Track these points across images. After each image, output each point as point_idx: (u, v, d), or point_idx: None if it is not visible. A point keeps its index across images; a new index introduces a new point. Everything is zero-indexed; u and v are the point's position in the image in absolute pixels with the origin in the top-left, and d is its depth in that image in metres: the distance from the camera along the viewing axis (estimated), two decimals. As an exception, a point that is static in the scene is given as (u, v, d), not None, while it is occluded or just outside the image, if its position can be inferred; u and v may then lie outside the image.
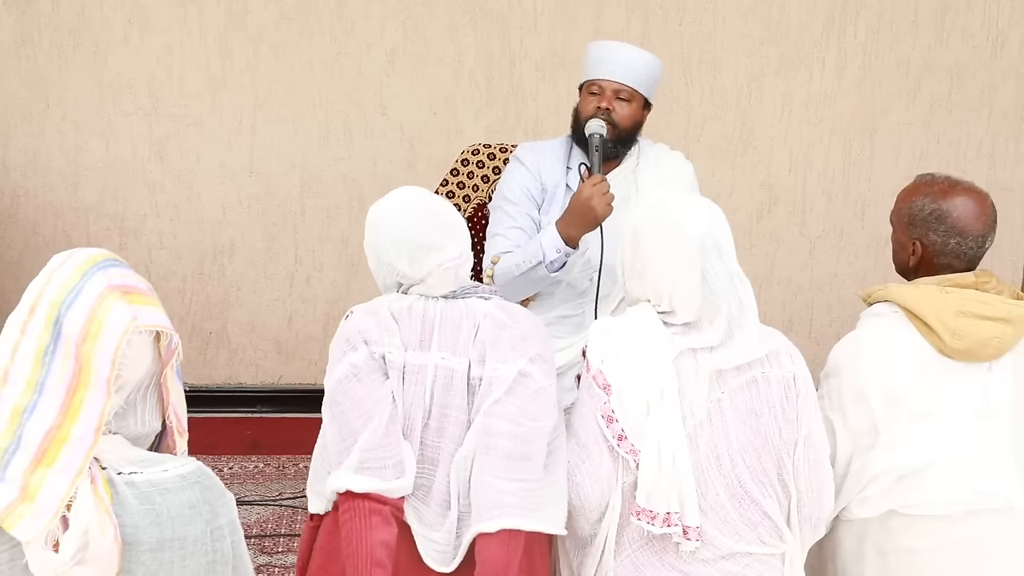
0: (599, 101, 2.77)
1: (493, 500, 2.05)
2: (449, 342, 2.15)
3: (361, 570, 2.02)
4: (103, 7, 4.35)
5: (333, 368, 2.14)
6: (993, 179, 4.60)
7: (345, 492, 2.06)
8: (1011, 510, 2.28)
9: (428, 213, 2.21)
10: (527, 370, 2.12)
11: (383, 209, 2.24)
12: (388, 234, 2.19)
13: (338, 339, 2.17)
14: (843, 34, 4.55)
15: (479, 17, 4.45)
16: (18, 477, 1.52)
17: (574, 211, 2.67)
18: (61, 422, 1.55)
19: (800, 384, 2.19)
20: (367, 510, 2.04)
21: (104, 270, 1.64)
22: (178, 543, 1.59)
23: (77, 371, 1.57)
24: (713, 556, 2.13)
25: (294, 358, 4.66)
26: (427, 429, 2.14)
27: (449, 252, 2.18)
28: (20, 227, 4.50)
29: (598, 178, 2.66)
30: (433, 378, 2.14)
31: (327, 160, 4.52)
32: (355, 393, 2.10)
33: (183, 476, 1.63)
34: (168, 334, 1.67)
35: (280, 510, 3.83)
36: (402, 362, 2.13)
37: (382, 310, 2.18)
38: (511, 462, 2.07)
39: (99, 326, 1.58)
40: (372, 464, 2.06)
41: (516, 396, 2.11)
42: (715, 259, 2.13)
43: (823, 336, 4.59)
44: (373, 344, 2.13)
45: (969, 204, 2.31)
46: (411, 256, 2.17)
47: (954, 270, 2.34)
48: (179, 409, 1.74)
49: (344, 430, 2.10)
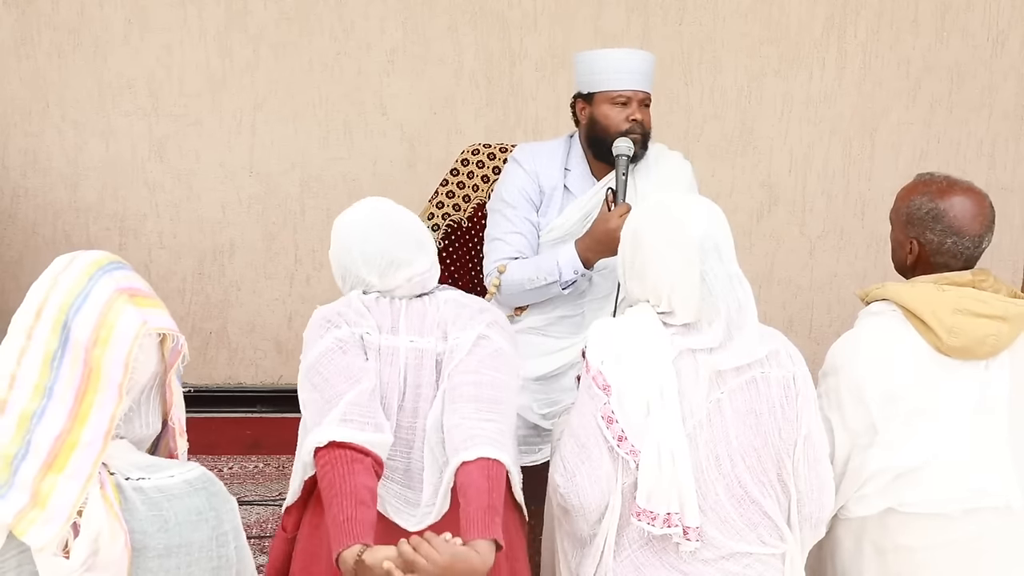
0: (632, 113, 2.77)
1: (468, 434, 2.08)
2: (416, 326, 2.24)
3: (347, 507, 1.97)
4: (103, 7, 4.35)
5: (314, 343, 2.20)
6: (993, 179, 4.60)
7: (327, 444, 2.04)
8: (1008, 508, 2.28)
9: (397, 228, 2.28)
10: (484, 332, 2.22)
11: (351, 222, 2.30)
12: (357, 247, 2.27)
13: (315, 322, 2.24)
14: (843, 34, 4.55)
15: (479, 17, 4.45)
16: (28, 483, 1.51)
17: (598, 240, 2.68)
18: (71, 427, 1.54)
19: (800, 384, 2.19)
20: (348, 458, 2.03)
21: (110, 273, 1.64)
22: (184, 549, 1.58)
23: (86, 376, 1.56)
24: (713, 556, 2.13)
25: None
26: (402, 411, 2.19)
27: (419, 266, 2.27)
28: (20, 227, 4.50)
29: (624, 208, 2.65)
30: (405, 360, 2.20)
31: (327, 160, 4.52)
32: (341, 361, 2.15)
33: (189, 482, 1.63)
34: (174, 336, 1.67)
35: (280, 510, 3.83)
36: (377, 344, 2.21)
37: (352, 300, 2.25)
38: (479, 403, 2.13)
39: (110, 331, 1.58)
40: (355, 417, 2.07)
41: (475, 355, 2.20)
42: (714, 260, 2.13)
43: (823, 336, 4.59)
44: (353, 325, 2.20)
45: (966, 204, 2.31)
46: (381, 271, 2.26)
47: (951, 269, 2.34)
48: (179, 412, 1.74)
49: (328, 393, 2.12)
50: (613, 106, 2.79)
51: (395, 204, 2.34)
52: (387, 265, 2.25)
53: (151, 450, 1.75)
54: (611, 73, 2.80)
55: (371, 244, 2.25)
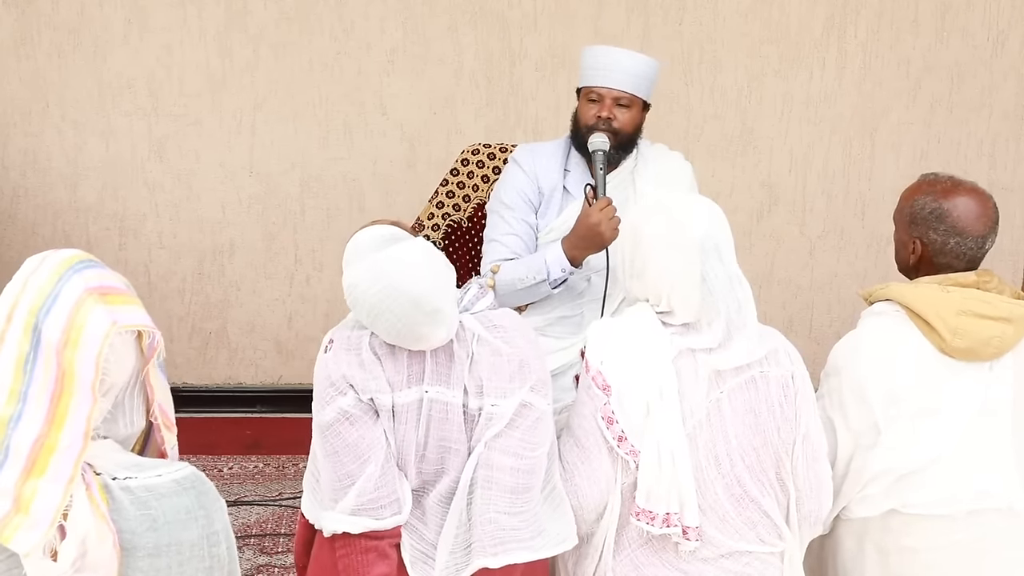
0: (599, 110, 2.76)
1: (497, 536, 2.05)
2: (442, 375, 2.08)
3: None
4: (103, 7, 4.35)
5: (322, 408, 2.06)
6: (993, 179, 4.59)
7: (342, 533, 2.04)
8: (1011, 510, 2.28)
9: (413, 306, 1.98)
10: (527, 400, 2.09)
11: (367, 284, 2.00)
12: (365, 314, 2.02)
13: (321, 378, 2.07)
14: (843, 34, 4.55)
15: (479, 17, 4.44)
16: (9, 489, 1.49)
17: (581, 235, 2.66)
18: (48, 431, 1.52)
19: (798, 383, 2.19)
20: (363, 548, 2.03)
21: (80, 272, 1.60)
22: (175, 548, 1.57)
23: (60, 378, 1.54)
24: (713, 555, 2.13)
25: (294, 358, 4.66)
26: (423, 460, 2.10)
27: (436, 338, 2.04)
28: (19, 227, 4.50)
29: (605, 202, 2.65)
30: (427, 412, 2.07)
31: (327, 160, 4.52)
32: (348, 436, 2.04)
33: (178, 481, 1.61)
34: (149, 332, 1.64)
35: (280, 510, 3.83)
36: (390, 403, 2.06)
37: (363, 348, 2.06)
38: (514, 496, 2.06)
39: (79, 332, 1.55)
40: (368, 507, 2.04)
41: (517, 428, 2.08)
42: (715, 261, 2.13)
43: (823, 336, 4.59)
44: (360, 390, 2.04)
45: (970, 204, 2.31)
46: (394, 338, 2.04)
47: (954, 269, 2.33)
48: (165, 404, 1.71)
49: (339, 471, 2.05)
50: (588, 102, 2.79)
51: (415, 265, 2.00)
52: (401, 338, 2.03)
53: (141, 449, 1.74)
54: (591, 69, 2.80)
55: (381, 321, 2.01)
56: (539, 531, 2.08)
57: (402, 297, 1.97)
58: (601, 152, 2.72)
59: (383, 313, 1.99)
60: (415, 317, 1.99)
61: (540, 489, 2.11)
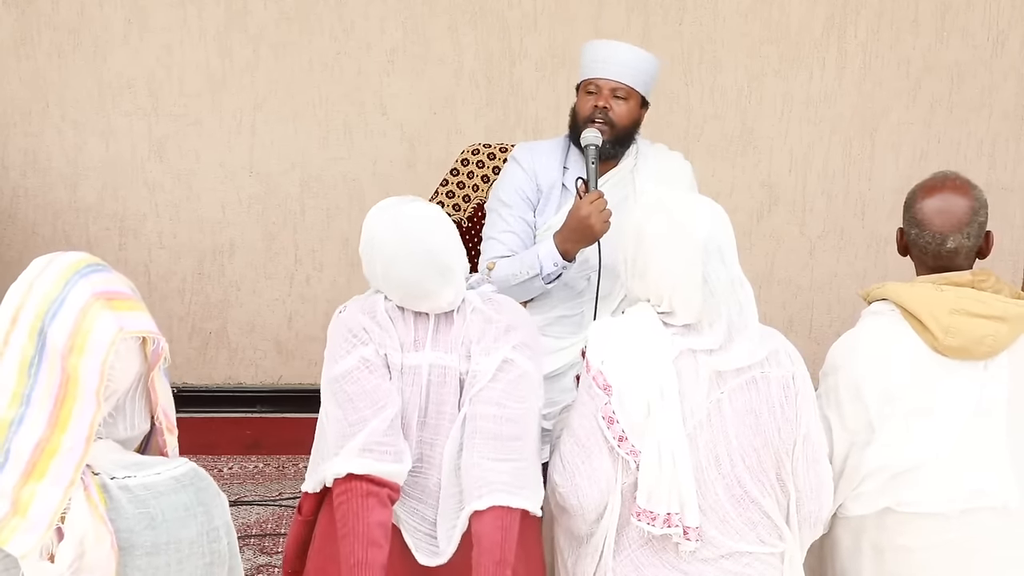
0: (596, 100, 2.76)
1: (482, 479, 2.08)
2: (442, 341, 2.19)
3: (357, 550, 2.02)
4: (103, 7, 4.35)
5: (339, 358, 2.15)
6: (993, 179, 4.60)
7: (344, 475, 2.06)
8: (1005, 509, 2.28)
9: (426, 258, 2.13)
10: (509, 356, 2.16)
11: (381, 240, 2.16)
12: (380, 268, 2.18)
13: (340, 331, 2.18)
14: (843, 34, 4.55)
15: (479, 17, 4.45)
16: (7, 492, 1.48)
17: (572, 228, 2.67)
18: (50, 435, 1.51)
19: (799, 383, 2.19)
20: (363, 491, 2.05)
21: (86, 277, 1.59)
22: (174, 546, 1.57)
23: (64, 382, 1.53)
24: (713, 555, 2.13)
25: (294, 358, 4.66)
26: (424, 427, 2.17)
27: (442, 300, 2.17)
28: (19, 227, 4.50)
29: (595, 195, 2.65)
30: (428, 377, 2.17)
31: (327, 160, 4.52)
32: (367, 382, 2.12)
33: (176, 478, 1.60)
34: (154, 338, 1.63)
35: (280, 510, 3.83)
36: (400, 363, 2.17)
37: (378, 310, 2.19)
38: (498, 442, 2.11)
39: (85, 338, 1.54)
40: (375, 448, 2.07)
41: (499, 382, 2.15)
42: (717, 263, 2.12)
43: (823, 336, 4.59)
44: (378, 344, 2.16)
45: (937, 202, 2.33)
46: (402, 296, 2.18)
47: (924, 263, 2.37)
48: (167, 408, 1.71)
49: (352, 416, 2.10)
50: (586, 94, 2.80)
51: (433, 219, 2.18)
52: (408, 294, 2.17)
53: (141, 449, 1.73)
54: (590, 62, 2.80)
55: (395, 271, 2.15)
56: (527, 484, 2.11)
57: (418, 246, 2.12)
58: (593, 147, 2.72)
59: (398, 262, 2.12)
60: (427, 270, 2.12)
61: (533, 446, 2.16)
